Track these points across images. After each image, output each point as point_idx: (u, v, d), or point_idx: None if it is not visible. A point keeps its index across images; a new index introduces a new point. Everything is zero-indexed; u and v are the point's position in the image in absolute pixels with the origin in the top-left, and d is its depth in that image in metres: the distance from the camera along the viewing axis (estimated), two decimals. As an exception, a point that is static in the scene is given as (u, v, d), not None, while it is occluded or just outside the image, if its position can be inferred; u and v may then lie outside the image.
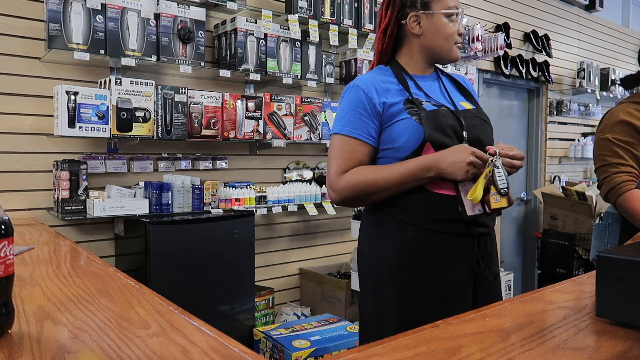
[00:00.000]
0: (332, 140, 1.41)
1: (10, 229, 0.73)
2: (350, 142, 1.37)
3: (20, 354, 0.68)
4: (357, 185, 1.34)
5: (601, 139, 1.88)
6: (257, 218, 2.99)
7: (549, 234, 4.30)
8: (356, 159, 1.36)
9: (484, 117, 1.45)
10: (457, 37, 1.43)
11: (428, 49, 1.44)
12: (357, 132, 1.36)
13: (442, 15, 1.40)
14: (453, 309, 1.26)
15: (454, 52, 1.45)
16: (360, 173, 1.34)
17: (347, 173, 1.36)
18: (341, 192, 1.36)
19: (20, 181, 2.29)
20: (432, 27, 1.42)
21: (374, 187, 1.33)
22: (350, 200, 1.37)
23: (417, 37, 1.44)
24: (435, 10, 1.40)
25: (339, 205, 1.43)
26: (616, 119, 1.85)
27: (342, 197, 1.37)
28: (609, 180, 1.81)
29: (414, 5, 1.42)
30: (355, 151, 1.37)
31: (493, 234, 1.45)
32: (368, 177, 1.33)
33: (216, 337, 0.75)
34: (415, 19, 1.43)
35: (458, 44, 1.45)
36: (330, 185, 1.39)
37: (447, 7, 1.41)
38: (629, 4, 6.35)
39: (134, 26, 2.35)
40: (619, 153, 1.81)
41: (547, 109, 4.96)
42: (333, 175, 1.37)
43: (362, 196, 1.35)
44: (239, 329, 2.51)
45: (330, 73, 3.10)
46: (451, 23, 1.41)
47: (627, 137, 1.81)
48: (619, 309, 0.76)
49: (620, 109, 1.89)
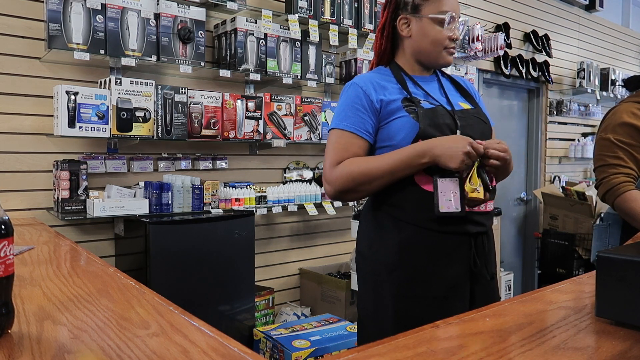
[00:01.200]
0: (329, 136, 1.42)
1: (10, 229, 0.73)
2: (346, 136, 1.37)
3: (20, 354, 0.68)
4: (351, 174, 1.33)
5: (602, 138, 1.88)
6: (257, 218, 2.99)
7: (549, 234, 4.30)
8: (351, 151, 1.36)
9: (482, 117, 1.45)
10: (448, 42, 1.41)
11: (417, 52, 1.45)
12: (354, 127, 1.37)
13: (430, 20, 1.40)
14: (450, 308, 1.27)
15: (443, 57, 1.43)
16: (353, 163, 1.34)
17: (341, 164, 1.35)
18: (335, 183, 1.35)
19: (20, 181, 2.29)
20: (420, 31, 1.42)
21: (368, 175, 1.32)
22: (344, 192, 1.36)
23: (408, 39, 1.45)
24: (424, 15, 1.40)
25: (335, 199, 1.42)
26: (619, 120, 1.85)
27: (336, 189, 1.36)
28: (608, 181, 1.81)
29: (405, 7, 1.43)
30: (351, 144, 1.37)
31: (491, 233, 1.45)
32: (362, 167, 1.33)
33: (216, 337, 0.75)
34: (405, 21, 1.44)
35: (449, 49, 1.42)
36: (325, 178, 1.39)
37: (436, 12, 1.39)
38: (629, 4, 6.35)
39: (134, 26, 2.35)
40: (619, 154, 1.81)
41: (547, 109, 4.96)
42: (328, 167, 1.38)
43: (357, 186, 1.34)
44: (239, 329, 2.51)
45: (330, 73, 3.10)
46: (440, 28, 1.39)
47: (629, 138, 1.82)
48: (619, 309, 0.76)
49: (623, 109, 1.89)
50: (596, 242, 2.14)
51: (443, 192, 1.27)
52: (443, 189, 1.28)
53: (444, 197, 1.27)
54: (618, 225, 2.02)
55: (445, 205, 1.27)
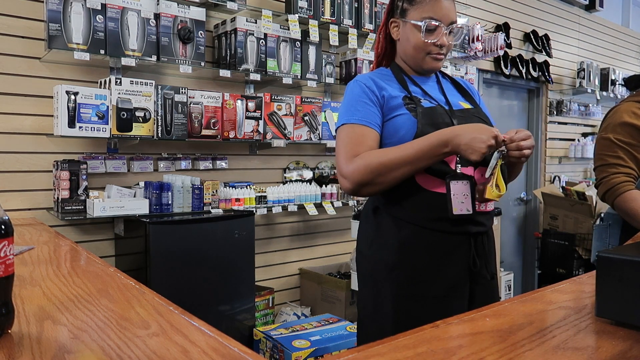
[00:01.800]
0: (339, 132, 1.38)
1: (10, 229, 0.73)
2: (358, 129, 1.34)
3: (20, 354, 0.68)
4: (369, 165, 1.27)
5: (603, 138, 1.88)
6: (257, 218, 2.99)
7: (549, 234, 4.30)
8: (365, 144, 1.32)
9: (482, 116, 1.45)
10: (432, 48, 1.39)
11: (403, 55, 1.47)
12: (365, 119, 1.35)
13: (413, 25, 1.39)
14: (449, 308, 1.27)
15: (427, 62, 1.42)
16: (371, 154, 1.29)
17: (357, 157, 1.30)
18: (352, 176, 1.30)
19: (20, 181, 2.29)
20: (404, 35, 1.43)
21: (387, 166, 1.26)
22: (363, 185, 1.30)
23: (398, 42, 1.47)
24: (409, 20, 1.40)
25: (352, 194, 1.37)
26: (620, 120, 1.85)
27: (354, 182, 1.30)
28: (607, 181, 1.81)
29: (396, 10, 1.45)
30: (364, 137, 1.33)
31: (491, 233, 1.45)
32: (380, 157, 1.28)
33: (216, 337, 0.75)
34: (395, 24, 1.46)
35: (433, 55, 1.40)
36: (340, 173, 1.34)
37: (420, 18, 1.37)
38: (629, 4, 6.35)
39: (134, 26, 2.35)
40: (619, 154, 1.81)
41: (547, 109, 4.96)
42: (343, 162, 1.32)
43: (375, 177, 1.28)
44: (239, 329, 2.51)
45: (330, 73, 3.10)
46: (425, 33, 1.37)
47: (629, 138, 1.81)
48: (619, 309, 0.76)
49: (624, 108, 1.89)
50: (596, 242, 2.14)
51: (456, 194, 1.27)
52: (455, 191, 1.28)
53: (457, 199, 1.27)
54: (618, 225, 2.02)
55: (459, 207, 1.28)
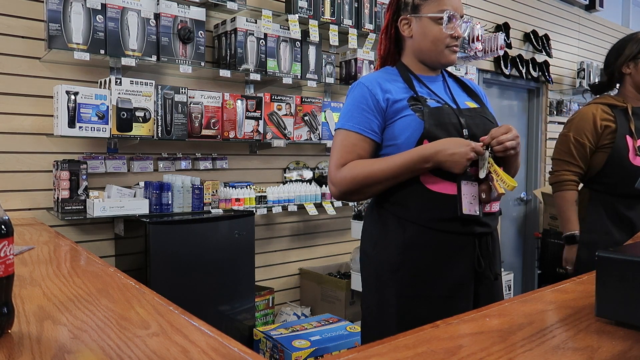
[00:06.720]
0: (335, 135, 1.43)
1: (10, 229, 0.73)
2: (351, 137, 1.38)
3: (20, 354, 0.68)
4: (355, 177, 1.35)
5: (564, 134, 2.12)
6: (257, 218, 2.99)
7: (549, 234, 4.30)
8: (356, 152, 1.37)
9: (488, 116, 1.45)
10: (449, 41, 1.41)
11: (419, 52, 1.46)
12: (359, 126, 1.37)
13: (430, 19, 1.40)
14: (454, 308, 1.26)
15: (445, 56, 1.43)
16: (357, 166, 1.35)
17: (345, 166, 1.37)
18: (339, 185, 1.37)
19: (20, 181, 2.29)
20: (420, 30, 1.42)
21: (371, 179, 1.34)
22: (349, 194, 1.38)
23: (409, 39, 1.46)
24: (424, 14, 1.40)
25: (339, 200, 1.44)
26: (582, 121, 2.06)
27: (340, 191, 1.38)
28: (558, 175, 2.09)
29: (406, 8, 1.44)
30: (356, 145, 1.37)
31: (495, 234, 1.45)
32: (365, 170, 1.34)
33: (216, 337, 0.75)
34: (406, 21, 1.45)
35: (451, 48, 1.42)
36: (330, 179, 1.41)
37: (436, 11, 1.39)
38: (629, 4, 6.35)
39: (134, 26, 2.35)
40: (573, 153, 2.05)
41: (547, 108, 4.96)
42: (332, 168, 1.39)
43: (361, 188, 1.36)
44: (239, 329, 2.51)
45: (330, 73, 3.10)
46: (441, 26, 1.39)
47: (585, 139, 2.04)
48: (619, 309, 0.76)
49: (589, 110, 2.08)
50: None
51: (466, 195, 1.31)
52: (466, 191, 1.31)
53: (467, 200, 1.31)
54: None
55: (468, 208, 1.31)
